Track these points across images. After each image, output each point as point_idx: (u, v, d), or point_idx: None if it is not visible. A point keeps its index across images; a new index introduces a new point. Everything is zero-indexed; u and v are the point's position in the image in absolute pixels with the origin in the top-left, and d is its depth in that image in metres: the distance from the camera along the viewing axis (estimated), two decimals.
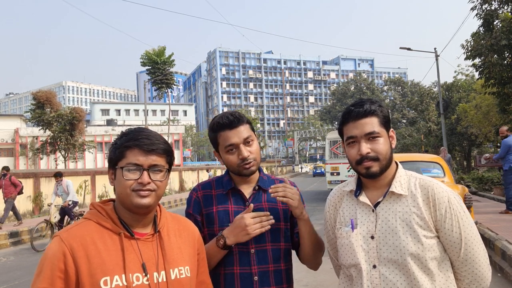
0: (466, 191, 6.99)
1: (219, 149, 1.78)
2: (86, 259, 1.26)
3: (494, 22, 13.00)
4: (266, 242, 1.72)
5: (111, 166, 1.40)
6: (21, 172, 16.00)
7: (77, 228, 1.33)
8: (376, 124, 1.50)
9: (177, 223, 1.52)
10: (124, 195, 1.33)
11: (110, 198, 1.45)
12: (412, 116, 49.18)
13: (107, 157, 1.43)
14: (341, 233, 1.57)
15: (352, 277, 1.53)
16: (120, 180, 1.34)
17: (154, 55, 36.32)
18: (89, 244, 1.29)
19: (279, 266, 1.74)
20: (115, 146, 1.38)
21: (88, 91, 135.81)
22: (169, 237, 1.44)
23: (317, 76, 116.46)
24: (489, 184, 16.15)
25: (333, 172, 18.84)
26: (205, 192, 1.82)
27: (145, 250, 1.36)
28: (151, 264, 1.34)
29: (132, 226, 1.38)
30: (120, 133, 1.42)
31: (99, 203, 1.42)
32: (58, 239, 1.29)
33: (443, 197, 1.47)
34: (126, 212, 1.37)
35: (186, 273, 1.41)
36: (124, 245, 1.32)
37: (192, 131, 73.96)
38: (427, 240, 1.44)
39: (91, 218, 1.36)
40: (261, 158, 1.84)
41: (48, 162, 42.19)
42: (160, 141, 1.39)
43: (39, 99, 27.75)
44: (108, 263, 1.27)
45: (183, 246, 1.47)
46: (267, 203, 1.78)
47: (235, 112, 1.78)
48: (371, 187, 1.57)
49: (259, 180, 1.82)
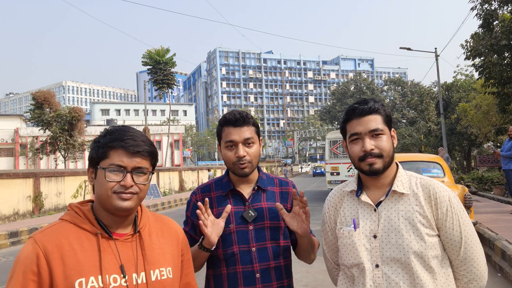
0: (466, 191, 6.99)
1: (221, 142, 1.83)
2: (61, 261, 1.22)
3: (494, 22, 13.00)
4: (266, 240, 1.77)
5: (92, 165, 1.34)
6: (21, 172, 16.00)
7: (52, 229, 1.29)
8: (380, 122, 1.52)
9: (160, 223, 1.47)
10: (105, 196, 1.29)
11: (88, 199, 1.41)
12: (412, 116, 49.14)
13: (88, 155, 1.37)
14: (342, 233, 1.56)
15: (354, 277, 1.52)
16: (102, 181, 1.29)
17: (156, 55, 36.31)
18: (64, 245, 1.24)
19: (279, 262, 1.79)
20: (98, 145, 1.33)
21: (88, 91, 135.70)
22: (150, 237, 1.39)
23: (317, 76, 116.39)
24: (489, 184, 16.14)
25: (333, 172, 18.83)
26: (204, 195, 1.85)
27: (123, 251, 1.31)
28: (130, 265, 1.30)
29: (111, 227, 1.33)
30: (104, 131, 1.36)
31: (76, 204, 1.37)
32: (32, 240, 1.25)
33: (444, 196, 1.48)
34: (104, 213, 1.33)
35: (168, 274, 1.36)
36: (101, 246, 1.27)
37: (192, 131, 73.89)
38: (430, 238, 1.44)
39: (67, 219, 1.32)
40: (258, 162, 1.87)
41: (48, 162, 42.17)
42: (145, 142, 1.34)
43: (38, 99, 27.73)
44: (84, 264, 1.24)
45: (166, 246, 1.42)
46: (266, 203, 1.82)
47: (244, 112, 1.82)
48: (372, 187, 1.57)
49: (258, 180, 1.86)
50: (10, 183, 14.25)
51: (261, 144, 1.87)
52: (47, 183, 16.31)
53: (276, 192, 1.89)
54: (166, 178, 27.23)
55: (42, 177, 16.15)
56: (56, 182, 16.87)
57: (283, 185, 1.92)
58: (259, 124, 1.90)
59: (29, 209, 15.27)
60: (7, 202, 13.89)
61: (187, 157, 58.83)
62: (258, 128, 1.86)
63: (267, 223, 1.79)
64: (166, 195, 24.89)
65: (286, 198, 1.89)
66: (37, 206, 15.69)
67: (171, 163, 48.74)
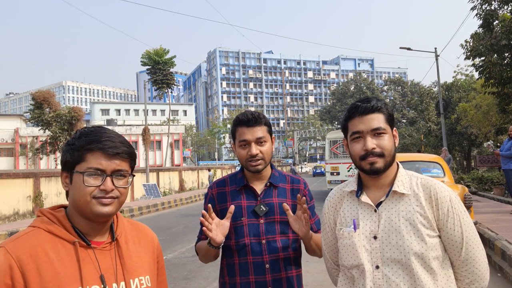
0: (466, 191, 6.99)
1: (235, 142, 1.95)
2: (37, 272, 1.13)
3: (494, 22, 12.99)
4: (276, 233, 1.89)
5: (66, 169, 1.26)
6: (21, 172, 15.99)
7: (25, 237, 1.19)
8: (382, 121, 1.50)
9: (136, 230, 1.41)
10: (83, 202, 1.21)
11: (60, 204, 1.32)
12: (412, 116, 49.14)
13: (60, 158, 1.28)
14: (342, 233, 1.55)
15: (354, 278, 1.51)
16: (79, 186, 1.21)
17: (155, 55, 36.25)
18: (40, 255, 1.16)
19: (288, 254, 1.90)
20: (73, 147, 1.24)
21: (88, 91, 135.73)
22: (127, 245, 1.33)
23: (317, 76, 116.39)
24: (489, 184, 16.12)
25: (333, 172, 18.82)
26: (219, 189, 1.99)
27: (102, 260, 1.25)
28: (109, 275, 1.24)
29: (88, 234, 1.26)
30: (77, 133, 1.28)
31: (48, 209, 1.28)
32: (3, 250, 1.14)
33: (445, 197, 1.47)
34: (81, 219, 1.25)
35: (146, 283, 1.32)
36: (80, 255, 1.20)
37: (192, 131, 73.84)
38: (430, 239, 1.43)
39: (40, 226, 1.22)
40: (271, 159, 1.98)
41: (48, 162, 42.16)
42: (124, 143, 1.27)
43: (37, 99, 27.72)
44: (62, 275, 1.16)
45: (143, 254, 1.37)
46: (277, 199, 1.94)
47: (256, 113, 1.93)
48: (372, 187, 1.56)
49: (270, 176, 1.98)
50: (10, 183, 14.25)
51: (273, 142, 1.98)
52: (47, 183, 16.31)
53: (287, 188, 1.99)
54: (166, 178, 27.22)
55: (42, 177, 16.15)
56: (56, 182, 16.87)
57: (295, 182, 2.02)
58: (271, 124, 2.00)
59: (29, 209, 15.26)
60: (7, 202, 13.89)
61: (187, 157, 58.83)
62: (271, 127, 1.96)
63: (277, 218, 1.90)
64: (166, 195, 24.87)
65: (297, 194, 1.94)
66: (37, 206, 15.68)
67: (171, 163, 48.73)
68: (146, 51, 36.68)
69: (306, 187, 2.03)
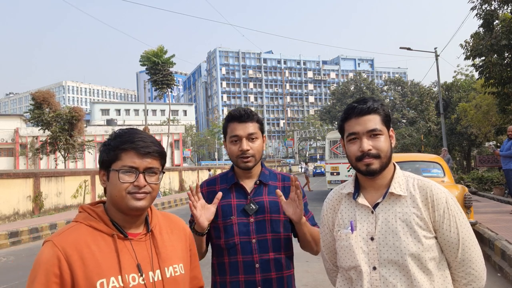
0: (466, 191, 6.99)
1: (226, 138, 1.93)
2: (81, 263, 1.25)
3: (494, 22, 12.99)
4: (266, 232, 1.86)
5: (103, 168, 1.38)
6: (21, 172, 15.99)
7: (69, 231, 1.31)
8: (378, 122, 1.51)
9: (168, 220, 1.53)
10: (119, 197, 1.33)
11: (99, 200, 1.44)
12: (412, 116, 49.16)
13: (99, 157, 1.41)
14: (340, 235, 1.56)
15: (352, 279, 1.52)
16: (116, 183, 1.33)
17: (153, 56, 36.18)
18: (83, 247, 1.28)
19: (280, 254, 1.87)
20: (109, 148, 1.37)
21: (88, 91, 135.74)
22: (161, 235, 1.44)
23: (317, 76, 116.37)
24: (489, 184, 16.12)
25: (333, 172, 18.84)
26: (209, 188, 1.97)
27: (139, 250, 1.36)
28: (145, 264, 1.34)
29: (125, 227, 1.37)
30: (113, 134, 1.41)
31: (88, 205, 1.40)
32: (51, 244, 1.27)
33: (441, 198, 1.47)
34: (118, 213, 1.37)
35: (180, 271, 1.42)
36: (118, 247, 1.31)
37: (192, 131, 73.82)
38: (427, 240, 1.44)
39: (82, 221, 1.35)
40: (261, 157, 1.95)
41: (48, 162, 42.16)
42: (154, 143, 1.39)
43: (37, 99, 27.71)
44: (103, 265, 1.27)
45: (176, 243, 1.47)
46: (267, 197, 1.91)
47: (248, 109, 1.93)
48: (369, 188, 1.56)
49: (260, 174, 1.96)
50: (10, 183, 14.25)
51: (264, 140, 1.96)
52: (47, 183, 16.31)
53: (278, 186, 1.96)
54: (166, 178, 27.20)
55: (42, 177, 16.15)
56: (56, 182, 16.87)
57: (286, 180, 2.00)
58: (262, 122, 1.97)
59: (29, 209, 15.26)
60: (7, 202, 13.89)
61: (187, 157, 58.83)
62: (262, 125, 1.96)
63: (267, 216, 1.87)
64: (166, 195, 24.88)
65: (288, 192, 1.92)
66: (37, 206, 15.69)
67: (171, 163, 48.73)
68: (145, 51, 36.60)
69: None
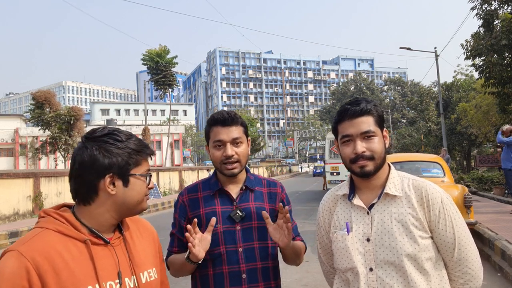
0: (466, 191, 6.99)
1: (209, 142, 1.83)
2: (54, 273, 1.13)
3: (494, 22, 12.99)
4: (253, 240, 1.76)
5: (117, 173, 1.27)
6: (21, 172, 15.98)
7: (36, 239, 1.17)
8: (371, 123, 1.50)
9: (136, 223, 1.45)
10: (138, 202, 1.32)
11: (63, 203, 1.31)
12: (412, 116, 49.11)
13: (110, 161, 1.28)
14: (336, 237, 1.55)
15: (349, 281, 1.52)
16: (140, 188, 1.33)
17: (156, 56, 36.06)
18: (54, 255, 1.15)
19: (267, 263, 1.78)
20: (129, 152, 1.31)
21: (88, 91, 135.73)
22: (133, 239, 1.37)
23: (317, 76, 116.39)
24: (489, 184, 16.12)
25: (333, 172, 18.83)
26: (191, 196, 1.85)
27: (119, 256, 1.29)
28: (122, 270, 1.26)
29: (100, 231, 1.27)
30: (123, 137, 1.31)
31: (52, 209, 1.27)
32: (16, 253, 1.12)
33: (436, 198, 1.47)
34: (100, 217, 1.27)
35: (154, 275, 1.37)
36: (93, 253, 1.21)
37: (192, 131, 73.85)
38: (423, 240, 1.44)
39: (48, 226, 1.21)
40: (247, 162, 1.86)
41: (48, 162, 42.17)
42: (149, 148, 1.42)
43: (38, 99, 27.70)
44: (78, 274, 1.16)
45: (147, 247, 1.41)
46: (254, 203, 1.81)
47: (232, 112, 1.82)
48: (364, 189, 1.56)
49: (246, 180, 1.85)
50: (10, 183, 14.24)
51: (249, 144, 1.86)
52: (47, 183, 16.30)
53: (264, 192, 1.87)
54: (166, 178, 27.20)
55: (42, 177, 16.14)
56: (56, 182, 16.85)
57: (271, 185, 1.91)
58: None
59: (29, 209, 15.26)
60: (7, 202, 13.88)
61: (187, 157, 58.83)
62: (247, 128, 1.85)
63: (254, 223, 1.77)
64: (166, 195, 24.88)
65: (274, 198, 1.87)
66: (37, 206, 15.68)
67: (171, 163, 48.72)
68: (147, 50, 36.47)
69: (283, 191, 1.92)
